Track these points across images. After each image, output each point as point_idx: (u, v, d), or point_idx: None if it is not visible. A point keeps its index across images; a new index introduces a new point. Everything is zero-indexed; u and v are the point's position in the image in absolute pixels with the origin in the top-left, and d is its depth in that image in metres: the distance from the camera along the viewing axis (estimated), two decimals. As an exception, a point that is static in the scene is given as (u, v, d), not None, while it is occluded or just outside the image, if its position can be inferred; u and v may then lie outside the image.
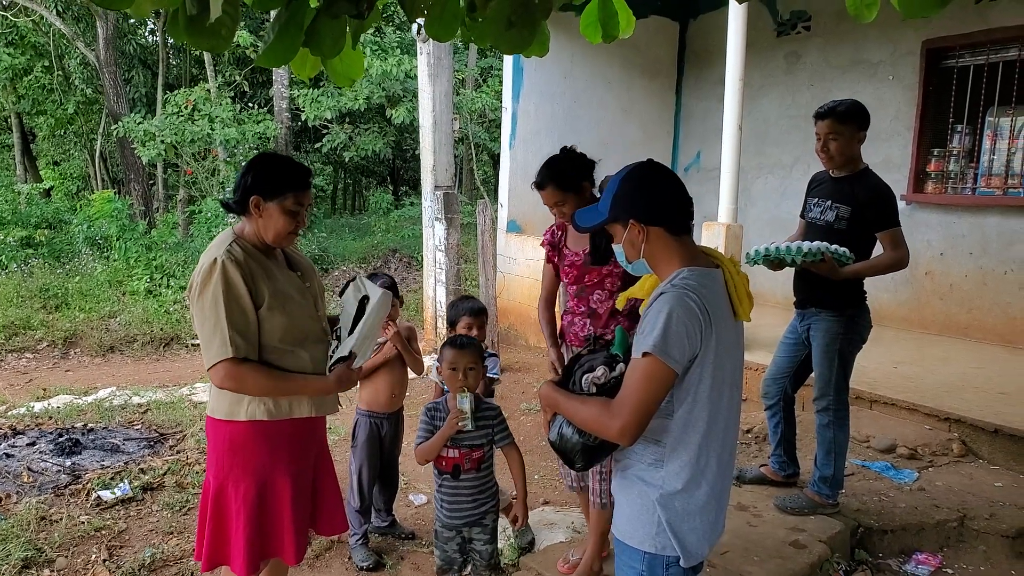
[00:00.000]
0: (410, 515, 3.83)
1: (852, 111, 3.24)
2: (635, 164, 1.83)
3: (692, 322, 1.65)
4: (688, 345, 1.65)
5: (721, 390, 1.75)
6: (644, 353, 1.64)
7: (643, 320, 1.72)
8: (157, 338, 7.84)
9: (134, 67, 16.02)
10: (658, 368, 1.64)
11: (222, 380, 2.10)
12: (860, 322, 3.32)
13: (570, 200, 2.79)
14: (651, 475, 1.76)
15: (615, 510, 1.89)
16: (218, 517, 2.23)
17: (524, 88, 7.38)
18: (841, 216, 3.26)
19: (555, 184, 2.78)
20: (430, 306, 7.25)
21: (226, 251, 2.12)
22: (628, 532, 1.82)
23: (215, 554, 2.24)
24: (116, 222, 10.05)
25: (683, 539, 1.75)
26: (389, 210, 15.29)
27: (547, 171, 2.80)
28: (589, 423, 1.74)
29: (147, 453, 4.55)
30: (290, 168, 2.23)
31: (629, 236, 1.79)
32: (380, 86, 12.26)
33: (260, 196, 2.17)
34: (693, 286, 1.69)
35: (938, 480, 3.80)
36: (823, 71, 6.87)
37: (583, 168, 2.83)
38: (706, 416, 1.72)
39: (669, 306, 1.65)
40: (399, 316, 3.33)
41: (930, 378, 4.86)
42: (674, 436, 1.73)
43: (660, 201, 1.78)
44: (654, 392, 1.65)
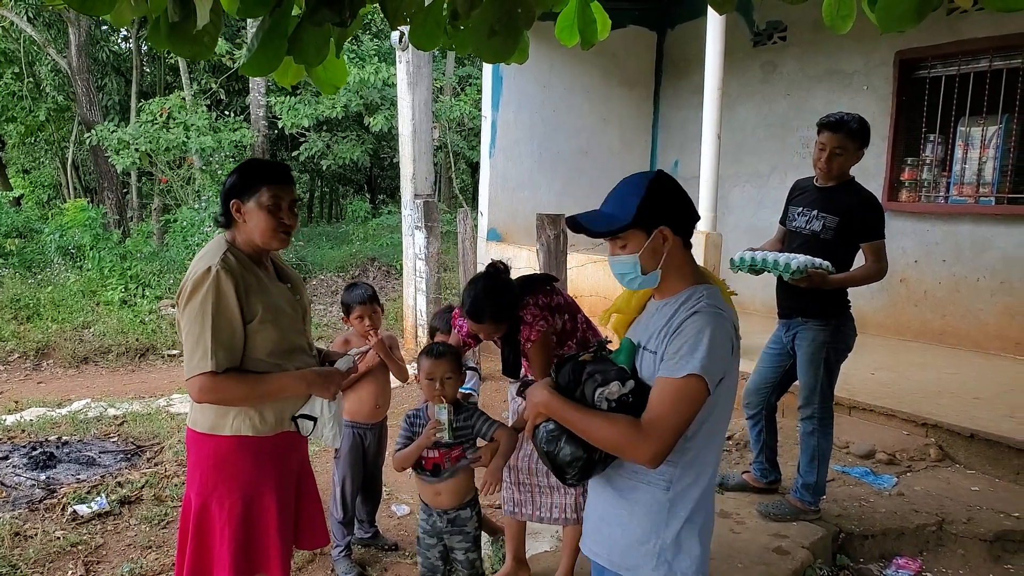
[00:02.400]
0: (393, 526, 3.79)
1: (863, 130, 3.22)
2: (652, 172, 1.74)
3: (726, 344, 1.62)
4: (723, 366, 1.61)
5: (728, 405, 1.72)
6: (688, 375, 1.56)
7: (675, 338, 1.61)
8: (133, 348, 7.71)
9: (107, 74, 15.81)
10: (700, 390, 1.57)
11: (199, 393, 2.05)
12: (845, 330, 3.35)
13: (503, 327, 2.65)
14: (656, 497, 1.68)
15: (600, 540, 1.79)
16: (200, 535, 2.18)
17: (504, 97, 7.40)
18: (828, 227, 3.27)
19: (494, 320, 2.58)
20: (410, 315, 7.22)
21: (221, 259, 2.07)
22: (624, 564, 1.72)
23: (197, 573, 2.19)
24: (89, 231, 9.89)
25: (693, 564, 1.69)
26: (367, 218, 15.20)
27: (486, 307, 2.55)
28: (610, 442, 1.62)
29: (124, 466, 4.47)
30: (262, 164, 2.21)
31: (653, 244, 1.67)
32: (358, 94, 12.22)
33: (238, 199, 2.14)
34: (723, 306, 1.66)
35: (916, 485, 3.85)
36: (799, 81, 6.97)
37: (513, 294, 2.64)
38: (707, 431, 1.68)
39: (711, 327, 1.59)
40: (381, 324, 3.31)
41: (907, 384, 4.93)
42: (688, 456, 1.66)
43: (685, 210, 1.72)
44: (691, 414, 1.59)
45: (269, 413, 2.17)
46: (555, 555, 3.17)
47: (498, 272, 2.64)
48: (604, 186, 1.96)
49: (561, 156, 7.84)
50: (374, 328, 3.20)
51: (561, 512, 2.77)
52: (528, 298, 2.66)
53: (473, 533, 2.62)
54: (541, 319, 2.61)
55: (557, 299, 2.76)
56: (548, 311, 2.66)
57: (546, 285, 2.77)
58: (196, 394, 2.05)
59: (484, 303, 2.55)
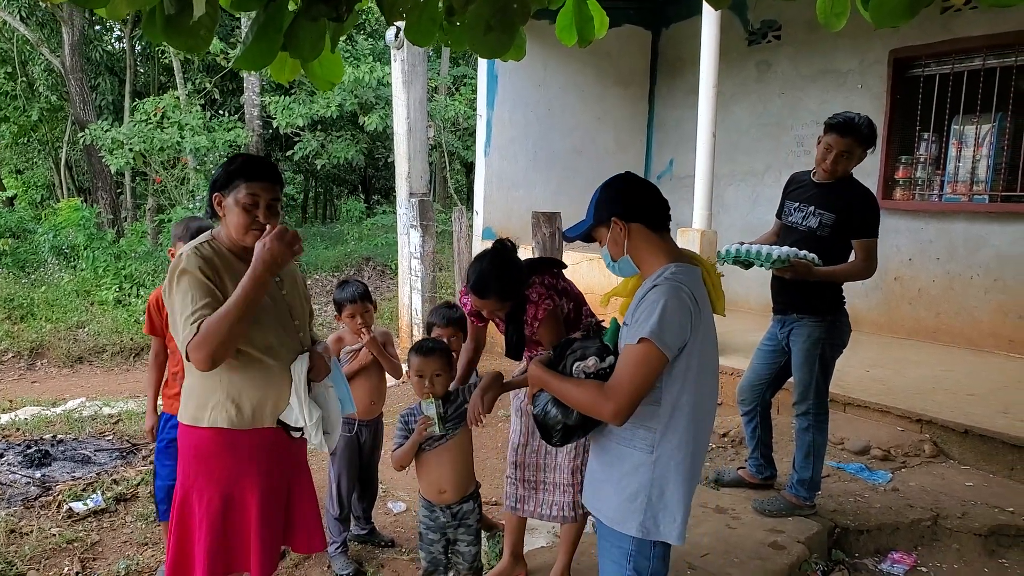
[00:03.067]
0: (389, 523, 3.79)
1: (872, 133, 3.20)
2: (615, 175, 2.01)
3: (684, 313, 1.79)
4: (680, 334, 1.79)
5: (704, 377, 1.89)
6: (640, 339, 1.76)
7: (636, 310, 1.83)
8: (127, 348, 7.71)
9: (100, 74, 15.75)
10: (653, 354, 1.77)
11: (197, 359, 1.97)
12: (840, 326, 3.36)
13: (507, 306, 2.61)
14: (641, 459, 1.88)
15: (600, 498, 1.98)
16: (182, 526, 2.17)
17: (499, 95, 7.41)
18: (825, 223, 3.27)
19: (499, 297, 2.54)
20: (405, 313, 7.22)
21: (193, 248, 2.10)
22: (616, 518, 1.92)
23: (179, 565, 2.17)
24: (83, 231, 9.87)
25: (675, 517, 1.87)
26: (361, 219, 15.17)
27: (492, 282, 2.51)
28: (582, 404, 1.86)
29: (119, 464, 4.46)
30: (246, 160, 2.18)
31: (612, 234, 1.94)
32: (352, 93, 12.20)
33: (219, 193, 2.14)
34: (684, 280, 1.83)
35: (911, 480, 3.86)
36: (793, 80, 6.99)
37: (520, 271, 2.61)
38: (692, 401, 1.85)
39: (664, 297, 1.78)
40: (373, 322, 3.30)
41: (901, 381, 4.95)
42: (663, 421, 1.85)
43: (637, 199, 1.95)
44: (647, 376, 1.78)
45: (246, 406, 2.13)
46: (551, 551, 3.17)
47: (505, 248, 2.60)
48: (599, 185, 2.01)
49: (556, 155, 7.84)
50: (366, 326, 3.19)
51: (560, 510, 2.77)
52: (534, 278, 2.64)
53: (475, 526, 2.64)
54: (547, 298, 2.60)
55: (563, 283, 2.75)
56: (554, 292, 2.64)
57: (553, 267, 2.77)
58: (195, 361, 1.99)
59: (489, 278, 2.52)
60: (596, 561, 3.06)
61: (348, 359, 3.24)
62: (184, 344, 1.99)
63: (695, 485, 1.97)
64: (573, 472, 2.73)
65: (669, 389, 1.84)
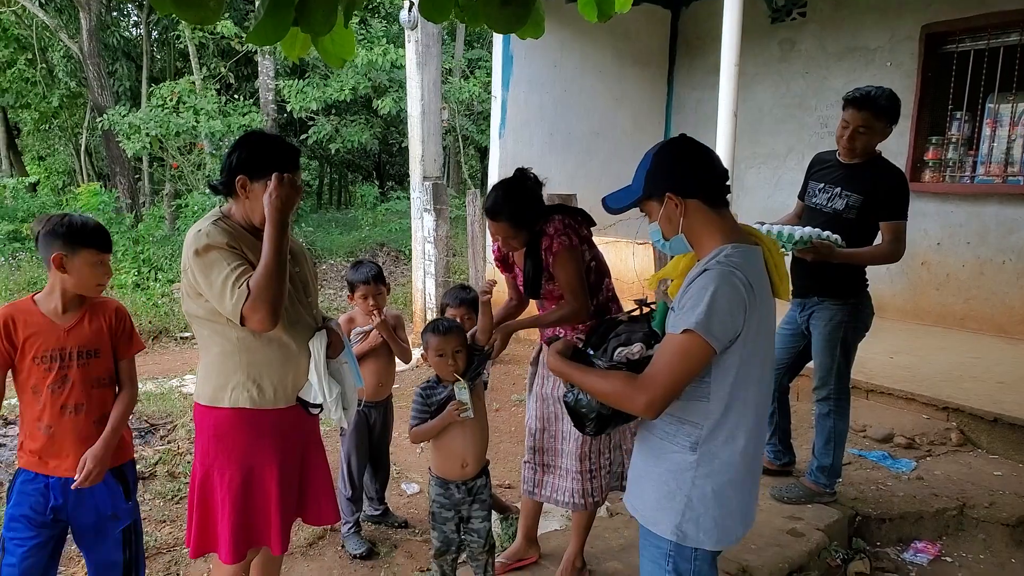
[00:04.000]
0: (403, 504, 3.78)
1: (892, 106, 3.07)
2: (668, 139, 1.78)
3: (736, 301, 1.62)
4: (731, 324, 1.62)
5: (759, 370, 1.72)
6: (685, 330, 1.61)
7: (684, 295, 1.67)
8: (146, 331, 7.74)
9: (118, 59, 15.81)
10: (697, 345, 1.60)
11: (257, 320, 2.00)
12: (863, 310, 3.25)
13: (521, 236, 2.60)
14: (684, 459, 1.72)
15: (637, 494, 1.85)
16: (204, 503, 2.18)
17: (514, 76, 7.30)
18: (851, 205, 3.15)
19: (511, 220, 2.55)
20: (419, 298, 7.18)
21: (211, 223, 2.09)
22: (653, 519, 1.79)
23: (203, 541, 2.20)
24: (103, 216, 9.91)
25: (717, 522, 1.72)
26: (375, 204, 15.15)
27: (505, 204, 2.55)
28: (610, 396, 1.72)
29: (138, 444, 4.48)
30: (277, 147, 2.16)
31: (666, 211, 1.74)
32: (366, 76, 12.13)
33: (246, 176, 2.10)
34: (738, 263, 1.65)
35: (936, 469, 3.77)
36: (819, 58, 6.82)
37: (538, 201, 2.63)
38: (744, 397, 1.69)
39: (715, 283, 1.61)
40: (385, 304, 3.26)
41: (927, 368, 4.84)
42: (712, 418, 1.69)
43: (697, 172, 1.74)
44: (689, 369, 1.63)
45: (267, 386, 2.15)
46: (565, 534, 3.13)
47: (525, 176, 2.61)
48: (616, 167, 1.96)
49: (572, 137, 7.73)
50: (377, 308, 3.15)
51: (570, 496, 2.74)
52: (555, 215, 2.61)
53: (488, 500, 2.61)
54: (563, 234, 2.55)
55: (585, 232, 2.68)
56: (574, 232, 2.59)
57: (579, 215, 2.71)
58: (256, 322, 2.01)
59: (504, 199, 2.54)
60: (609, 545, 3.04)
61: (358, 340, 3.21)
62: (237, 308, 1.99)
63: (753, 490, 1.80)
64: (580, 459, 2.69)
65: (720, 383, 1.67)
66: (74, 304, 2.26)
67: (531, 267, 2.62)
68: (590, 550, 2.93)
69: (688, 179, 1.73)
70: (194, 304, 2.13)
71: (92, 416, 2.26)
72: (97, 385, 2.28)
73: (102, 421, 2.27)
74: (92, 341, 2.25)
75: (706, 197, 1.73)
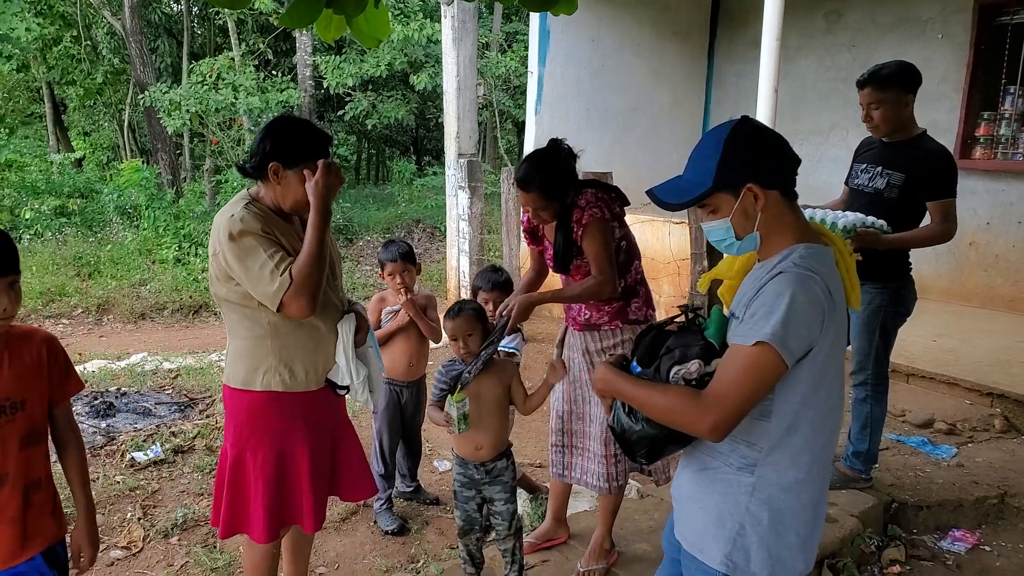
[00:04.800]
0: (434, 481, 3.84)
1: (893, 75, 3.00)
2: (734, 122, 1.55)
3: (815, 310, 1.43)
4: (807, 337, 1.44)
5: (829, 389, 1.53)
6: (757, 342, 1.42)
7: (754, 301, 1.47)
8: (186, 305, 7.93)
9: (159, 36, 16.02)
10: (771, 360, 1.42)
11: (298, 307, 2.02)
12: (905, 295, 3.17)
13: (552, 207, 2.56)
14: (739, 481, 1.54)
15: (683, 516, 1.69)
16: (235, 485, 2.21)
17: (550, 52, 7.21)
18: (893, 184, 3.06)
19: (542, 191, 2.52)
20: (453, 276, 7.20)
21: (243, 209, 2.08)
22: (697, 544, 1.62)
23: (233, 521, 2.24)
24: (145, 191, 10.12)
25: (772, 554, 1.54)
26: (412, 180, 15.19)
27: (536, 174, 2.51)
28: (670, 416, 1.52)
29: (177, 417, 4.62)
30: (310, 135, 2.15)
31: (743, 205, 1.51)
32: (402, 52, 12.11)
33: (279, 163, 2.10)
34: (817, 267, 1.46)
35: (978, 456, 3.69)
36: (866, 30, 6.59)
37: (571, 173, 2.59)
38: (812, 417, 1.51)
39: (791, 289, 1.42)
40: (415, 283, 3.28)
41: (971, 352, 4.71)
42: (773, 439, 1.51)
43: (777, 159, 1.54)
44: (759, 387, 1.44)
45: (299, 369, 2.17)
46: (594, 515, 3.14)
47: (558, 147, 2.58)
48: (654, 144, 1.89)
49: (610, 113, 7.63)
50: (405, 286, 3.18)
51: (597, 480, 2.74)
52: (588, 188, 2.58)
53: (510, 483, 2.62)
54: (595, 207, 2.52)
55: (618, 209, 2.64)
56: (605, 206, 2.56)
57: (612, 192, 2.67)
58: (297, 309, 2.03)
59: (535, 170, 2.51)
60: (639, 527, 3.05)
61: (389, 319, 3.24)
62: (278, 296, 2.01)
63: (818, 521, 1.60)
64: (605, 443, 2.68)
65: (785, 400, 1.48)
66: None
67: (561, 240, 2.59)
68: (619, 531, 2.94)
69: (771, 167, 1.52)
70: (224, 288, 2.13)
71: (18, 487, 1.74)
72: (24, 445, 1.75)
73: (32, 490, 1.78)
74: (15, 389, 1.72)
75: (785, 188, 1.54)
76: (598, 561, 2.78)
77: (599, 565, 2.78)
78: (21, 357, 1.75)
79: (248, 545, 2.34)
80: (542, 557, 2.89)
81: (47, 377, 1.81)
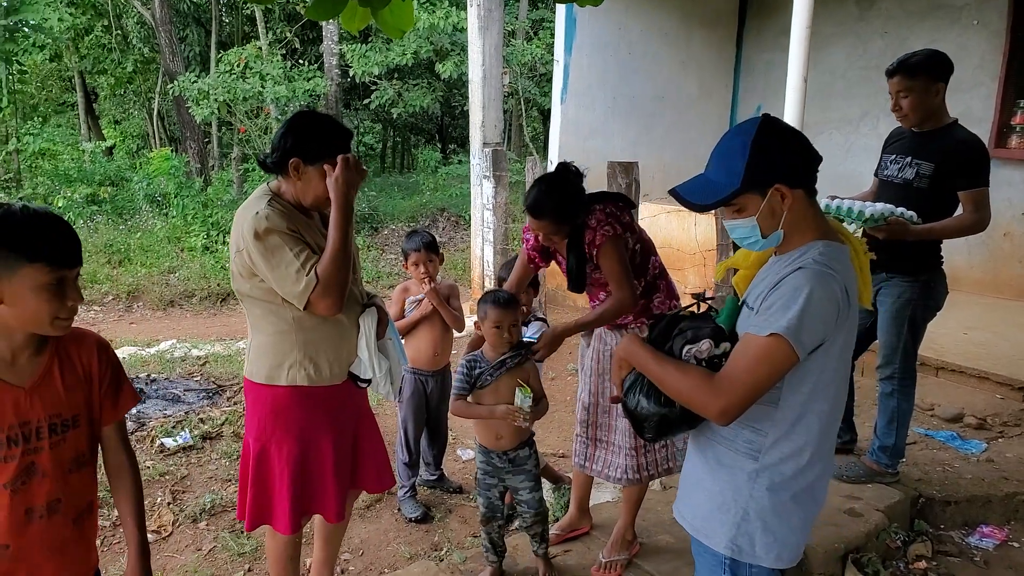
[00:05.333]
0: (458, 469, 3.87)
1: (923, 63, 2.95)
2: (757, 123, 1.56)
3: (830, 307, 1.48)
4: (820, 332, 1.49)
5: (836, 385, 1.59)
6: (772, 333, 1.47)
7: (772, 293, 1.51)
8: (214, 293, 8.05)
9: (188, 25, 16.18)
10: (782, 352, 1.47)
11: (325, 306, 2.04)
12: (936, 288, 3.11)
13: (563, 231, 2.56)
14: (743, 466, 1.60)
15: (687, 501, 1.75)
16: (260, 479, 2.23)
17: (577, 40, 7.16)
18: (922, 174, 3.01)
19: (554, 217, 2.50)
20: (477, 265, 7.22)
21: (267, 206, 2.08)
22: (702, 528, 1.68)
23: (258, 514, 2.26)
24: (173, 180, 10.27)
25: (777, 538, 1.60)
26: (437, 168, 15.21)
27: (547, 200, 2.49)
28: (684, 394, 1.56)
29: (206, 404, 4.69)
30: (331, 131, 2.15)
31: (770, 205, 1.54)
32: (428, 40, 12.11)
33: (300, 159, 2.10)
34: (835, 265, 1.51)
35: (1008, 451, 3.63)
36: (899, 17, 6.45)
37: (581, 195, 2.57)
38: (818, 409, 1.56)
39: (810, 285, 1.47)
40: (438, 273, 3.30)
41: (1004, 345, 4.63)
42: (778, 427, 1.56)
43: (799, 157, 1.56)
44: (769, 377, 1.49)
45: (323, 364, 2.19)
46: (617, 506, 3.15)
47: (567, 171, 2.58)
48: (680, 134, 1.87)
49: (636, 102, 7.56)
50: (429, 276, 3.20)
51: (623, 473, 2.75)
52: (596, 206, 2.58)
53: (533, 471, 2.64)
54: (607, 224, 2.52)
55: (627, 217, 2.64)
56: (616, 221, 2.56)
57: (619, 201, 2.67)
58: (324, 308, 2.04)
59: (546, 197, 2.50)
60: (661, 519, 3.05)
61: (412, 308, 3.27)
62: (305, 295, 2.02)
63: (815, 509, 1.66)
64: (634, 436, 2.69)
65: (794, 390, 1.54)
66: (31, 346, 1.50)
67: (574, 262, 2.60)
68: (641, 523, 2.95)
69: (797, 167, 1.56)
70: (248, 284, 2.14)
71: (70, 515, 1.58)
72: (76, 467, 1.58)
73: (83, 518, 1.62)
74: (68, 404, 1.54)
75: (808, 186, 1.57)
76: (620, 552, 2.79)
77: (621, 556, 2.78)
78: (73, 365, 1.56)
79: (271, 536, 2.37)
80: (565, 547, 2.91)
81: (98, 389, 1.61)
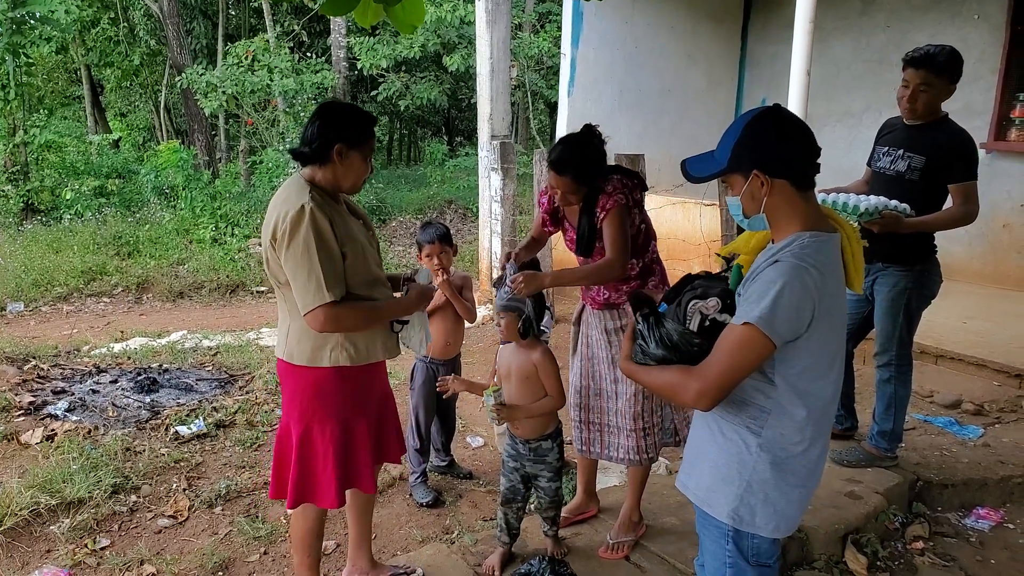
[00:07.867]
0: (468, 456, 3.95)
1: (951, 63, 2.99)
2: (761, 109, 1.67)
3: (805, 300, 1.55)
4: (795, 322, 1.56)
5: (829, 364, 1.67)
6: (746, 322, 1.55)
7: (751, 284, 1.60)
8: (223, 285, 8.12)
9: (195, 18, 16.22)
10: (757, 340, 1.54)
11: (322, 324, 2.15)
12: (930, 277, 3.20)
13: (581, 191, 2.63)
14: (746, 441, 1.68)
15: (692, 473, 1.83)
16: (304, 458, 2.34)
17: (583, 33, 7.21)
18: (914, 167, 3.09)
19: (575, 175, 2.58)
20: (485, 257, 7.29)
21: (310, 197, 2.14)
22: (706, 499, 1.76)
23: (301, 492, 2.37)
24: (182, 172, 10.33)
25: (777, 510, 1.68)
26: (444, 161, 15.26)
27: (570, 158, 2.58)
28: (664, 389, 1.69)
29: (218, 393, 4.77)
30: (364, 117, 2.30)
31: (750, 188, 1.64)
32: (435, 33, 12.15)
33: (344, 144, 2.20)
34: (812, 256, 1.58)
35: (1005, 436, 3.71)
36: (901, 11, 6.50)
37: (603, 159, 2.67)
38: (813, 390, 1.64)
39: (784, 279, 1.54)
40: (451, 264, 3.37)
41: (1002, 334, 4.70)
42: (780, 404, 1.64)
43: (789, 151, 1.64)
44: (746, 363, 1.57)
45: (361, 344, 2.31)
46: (623, 489, 3.23)
47: (592, 133, 2.67)
48: (687, 127, 1.94)
49: (643, 95, 7.62)
50: (443, 267, 3.27)
51: (626, 453, 2.82)
52: (614, 174, 2.67)
53: (555, 464, 2.71)
54: (620, 192, 2.61)
55: (639, 195, 2.73)
56: (629, 193, 2.64)
57: (635, 178, 2.76)
58: (319, 325, 2.16)
59: (570, 154, 2.59)
60: (667, 502, 3.13)
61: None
62: (312, 304, 2.12)
63: (813, 485, 1.74)
64: (635, 418, 2.76)
65: (787, 369, 1.62)
66: None
67: (586, 224, 2.67)
68: (647, 506, 3.02)
69: (779, 158, 1.63)
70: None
71: None
72: None
73: None
74: None
75: (794, 178, 1.63)
76: (627, 533, 2.87)
77: (628, 537, 2.87)
78: None
79: (301, 516, 2.46)
80: (573, 530, 2.99)
81: None
